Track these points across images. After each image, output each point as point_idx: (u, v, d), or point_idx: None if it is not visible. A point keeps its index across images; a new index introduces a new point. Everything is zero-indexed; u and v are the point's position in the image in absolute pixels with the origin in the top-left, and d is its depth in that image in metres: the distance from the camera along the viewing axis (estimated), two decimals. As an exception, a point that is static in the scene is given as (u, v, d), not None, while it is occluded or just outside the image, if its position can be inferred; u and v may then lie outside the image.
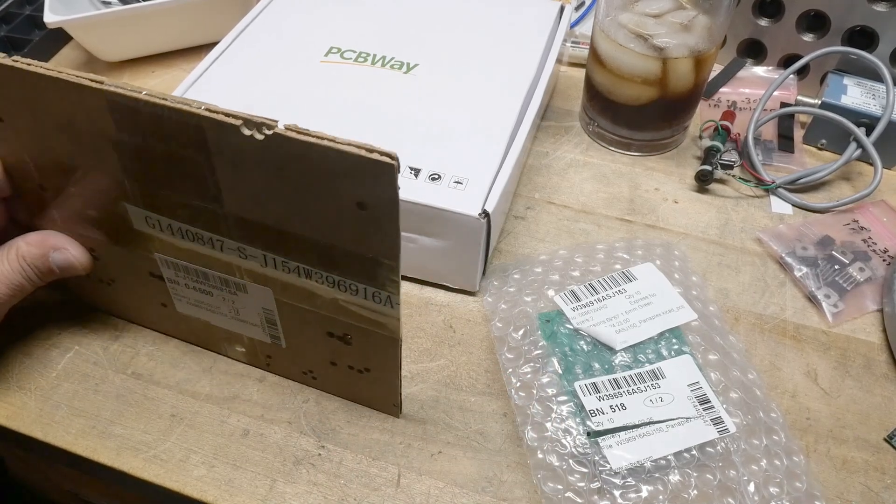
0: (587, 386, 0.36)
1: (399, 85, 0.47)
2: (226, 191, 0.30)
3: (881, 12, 0.51)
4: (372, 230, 0.28)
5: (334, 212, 0.28)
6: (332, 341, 0.35)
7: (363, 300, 0.31)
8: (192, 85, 0.46)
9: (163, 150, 0.29)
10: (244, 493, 0.35)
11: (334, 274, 0.31)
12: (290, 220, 0.30)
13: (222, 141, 0.27)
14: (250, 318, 0.36)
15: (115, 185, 0.32)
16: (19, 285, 0.35)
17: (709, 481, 0.34)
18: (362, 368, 0.36)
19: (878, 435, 0.38)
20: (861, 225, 0.48)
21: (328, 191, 0.27)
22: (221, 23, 0.54)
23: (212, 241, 0.32)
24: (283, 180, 0.28)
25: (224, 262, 0.33)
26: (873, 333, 0.42)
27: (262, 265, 0.32)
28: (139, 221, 0.33)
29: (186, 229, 0.33)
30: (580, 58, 0.60)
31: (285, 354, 0.38)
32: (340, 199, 0.27)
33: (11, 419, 0.37)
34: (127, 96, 0.27)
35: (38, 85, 0.29)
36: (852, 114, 0.51)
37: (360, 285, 0.31)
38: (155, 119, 0.28)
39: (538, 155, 0.53)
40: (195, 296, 0.36)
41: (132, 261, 0.36)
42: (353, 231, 0.29)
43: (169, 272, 0.36)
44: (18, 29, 0.64)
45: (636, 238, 0.47)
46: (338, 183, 0.27)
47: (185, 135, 0.28)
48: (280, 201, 0.29)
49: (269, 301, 0.34)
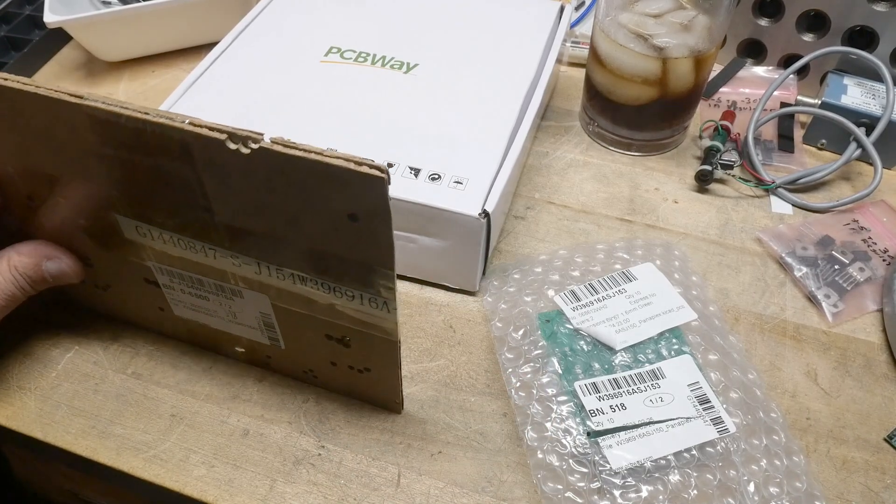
0: (587, 386, 0.36)
1: (399, 85, 0.47)
2: (215, 202, 0.29)
3: (881, 12, 0.51)
4: (365, 240, 0.28)
5: (326, 222, 0.28)
6: (331, 343, 0.35)
7: (360, 305, 0.31)
8: (192, 85, 0.46)
9: (149, 163, 0.29)
10: (244, 493, 0.35)
11: (329, 280, 0.31)
12: (282, 230, 0.29)
13: (208, 155, 0.27)
14: (248, 322, 0.36)
15: (103, 196, 0.32)
16: (11, 295, 0.35)
17: (709, 481, 0.34)
18: (362, 368, 0.36)
19: (878, 435, 0.38)
20: (861, 225, 0.48)
21: (318, 203, 0.27)
22: (221, 23, 0.54)
23: (204, 249, 0.32)
24: (273, 192, 0.28)
25: (218, 270, 0.33)
26: (873, 333, 0.42)
27: (256, 272, 0.32)
28: (130, 231, 0.33)
29: (178, 238, 0.32)
30: (580, 58, 0.60)
31: (284, 355, 0.38)
32: (331, 210, 0.27)
33: (11, 419, 0.37)
34: (107, 111, 0.27)
35: (17, 100, 0.28)
36: (852, 114, 0.51)
37: (356, 291, 0.31)
38: (138, 133, 0.27)
39: (538, 155, 0.53)
40: (191, 300, 0.36)
41: (126, 268, 0.36)
42: (345, 241, 0.28)
43: (164, 278, 0.36)
44: (18, 29, 0.64)
45: (636, 238, 0.47)
46: (327, 195, 0.27)
47: (170, 149, 0.27)
48: (271, 212, 0.29)
49: (266, 306, 0.34)
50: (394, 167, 0.41)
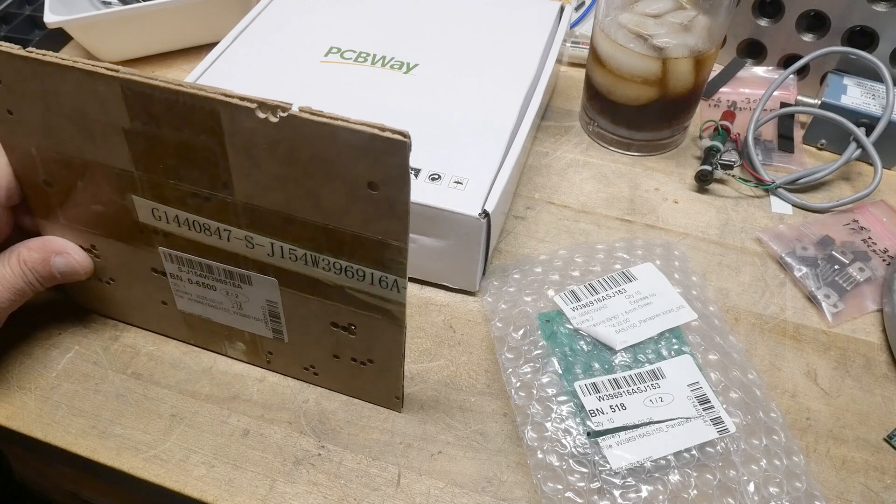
0: (587, 386, 0.36)
1: (399, 85, 0.47)
2: (237, 177, 0.30)
3: (881, 12, 0.51)
4: (382, 210, 0.29)
5: (344, 194, 0.29)
6: (336, 332, 0.35)
7: (370, 286, 0.32)
8: (192, 85, 0.46)
9: (175, 137, 0.30)
10: (244, 493, 0.35)
11: (342, 259, 0.31)
12: (299, 205, 0.30)
13: (236, 125, 0.28)
14: (253, 313, 0.36)
15: (123, 176, 0.32)
16: (20, 290, 0.36)
17: (709, 481, 0.34)
18: (365, 360, 0.36)
19: (878, 435, 0.38)
20: (861, 225, 0.48)
21: (340, 172, 0.28)
22: (221, 23, 0.54)
23: (219, 231, 0.33)
24: (295, 164, 0.28)
25: (229, 253, 0.34)
26: (873, 333, 0.42)
27: (269, 254, 0.33)
28: (145, 214, 0.34)
29: (193, 220, 0.33)
30: (580, 58, 0.60)
31: (287, 350, 0.38)
32: (352, 179, 0.28)
33: (11, 419, 0.37)
34: (142, 83, 0.28)
35: (53, 76, 0.29)
36: (852, 114, 0.51)
37: (368, 270, 0.31)
38: (169, 106, 0.28)
39: (538, 155, 0.53)
40: (197, 291, 0.37)
41: (134, 257, 0.36)
42: (362, 213, 0.29)
43: (172, 267, 0.36)
44: (18, 29, 0.64)
45: (636, 238, 0.47)
46: (350, 163, 0.27)
47: (200, 121, 0.28)
48: (291, 186, 0.29)
49: (274, 293, 0.34)
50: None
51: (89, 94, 0.29)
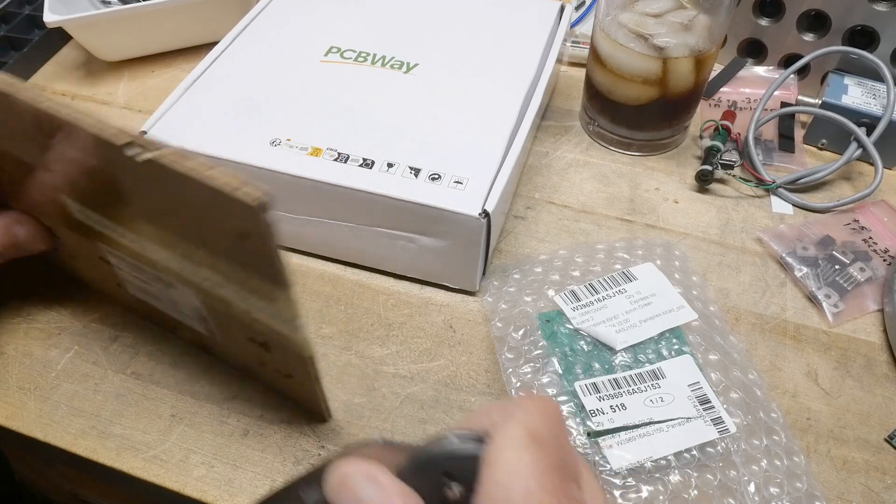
0: (587, 386, 0.36)
1: (399, 85, 0.47)
2: (134, 198, 0.30)
3: (881, 12, 0.51)
4: (258, 259, 0.27)
5: (223, 235, 0.28)
6: (255, 345, 0.34)
7: (269, 318, 0.31)
8: (191, 85, 0.46)
9: (73, 154, 0.30)
10: (244, 493, 0.35)
11: (240, 289, 0.30)
12: (192, 236, 0.29)
13: (114, 156, 0.27)
14: (187, 311, 0.36)
15: (56, 179, 0.33)
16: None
17: (709, 481, 0.34)
18: (286, 374, 0.35)
19: (879, 435, 0.38)
20: (862, 225, 0.48)
21: (213, 217, 0.27)
22: (221, 23, 0.54)
23: (137, 239, 0.33)
24: (176, 199, 0.28)
25: (151, 260, 0.34)
26: (874, 333, 0.42)
27: (180, 268, 0.32)
28: (78, 214, 0.34)
29: (115, 225, 0.33)
30: (580, 58, 0.60)
31: (222, 348, 0.38)
32: (223, 228, 0.27)
33: (11, 419, 0.37)
34: (41, 110, 0.28)
35: None
36: (853, 113, 0.51)
37: (263, 304, 0.30)
38: (62, 126, 0.28)
39: (538, 155, 0.53)
40: (139, 283, 0.37)
41: (85, 245, 0.37)
42: (243, 258, 0.28)
43: (114, 260, 0.36)
44: (18, 28, 0.64)
45: (636, 238, 0.47)
46: (216, 213, 0.26)
47: (88, 145, 0.28)
48: (180, 217, 0.29)
49: (195, 301, 0.34)
50: (394, 167, 0.41)
51: (7, 109, 0.30)
